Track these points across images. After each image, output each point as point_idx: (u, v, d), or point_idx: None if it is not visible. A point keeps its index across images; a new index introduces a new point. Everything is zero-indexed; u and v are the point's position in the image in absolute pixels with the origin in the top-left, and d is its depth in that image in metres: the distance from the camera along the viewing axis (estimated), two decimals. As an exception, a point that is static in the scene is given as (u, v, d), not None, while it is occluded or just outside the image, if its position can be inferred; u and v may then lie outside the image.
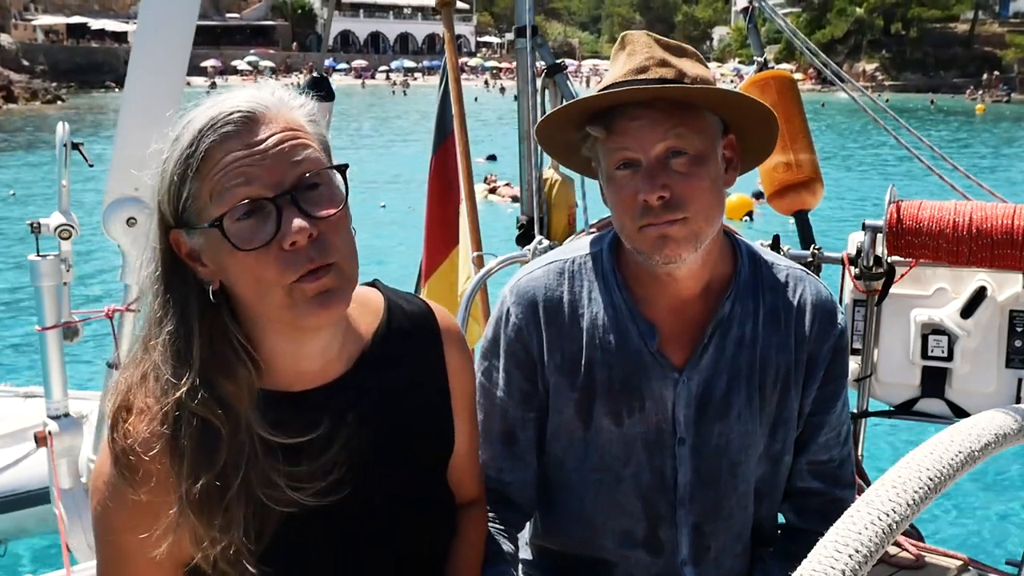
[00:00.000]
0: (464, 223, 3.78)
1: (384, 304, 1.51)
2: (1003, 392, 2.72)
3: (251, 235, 1.22)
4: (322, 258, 1.24)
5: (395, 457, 1.45)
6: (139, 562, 1.29)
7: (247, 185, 1.22)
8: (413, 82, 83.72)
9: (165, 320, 1.28)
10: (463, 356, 1.57)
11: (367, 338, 1.46)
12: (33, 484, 4.39)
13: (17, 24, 74.71)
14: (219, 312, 1.29)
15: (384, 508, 1.42)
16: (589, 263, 1.74)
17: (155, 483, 1.26)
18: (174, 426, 1.25)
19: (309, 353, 1.36)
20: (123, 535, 1.29)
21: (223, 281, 1.28)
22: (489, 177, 20.55)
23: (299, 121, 1.29)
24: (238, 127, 1.23)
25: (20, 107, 52.41)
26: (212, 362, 1.27)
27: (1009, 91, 71.01)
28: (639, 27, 17.27)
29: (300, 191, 1.24)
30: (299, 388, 1.37)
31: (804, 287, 1.73)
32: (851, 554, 0.85)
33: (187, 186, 1.23)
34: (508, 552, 1.68)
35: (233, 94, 1.28)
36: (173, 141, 1.26)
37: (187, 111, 1.28)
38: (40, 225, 3.45)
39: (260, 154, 1.23)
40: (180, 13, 3.07)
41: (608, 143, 1.59)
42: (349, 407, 1.39)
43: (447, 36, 3.76)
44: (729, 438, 1.68)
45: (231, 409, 1.27)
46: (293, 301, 1.25)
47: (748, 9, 4.14)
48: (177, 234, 1.27)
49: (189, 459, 1.24)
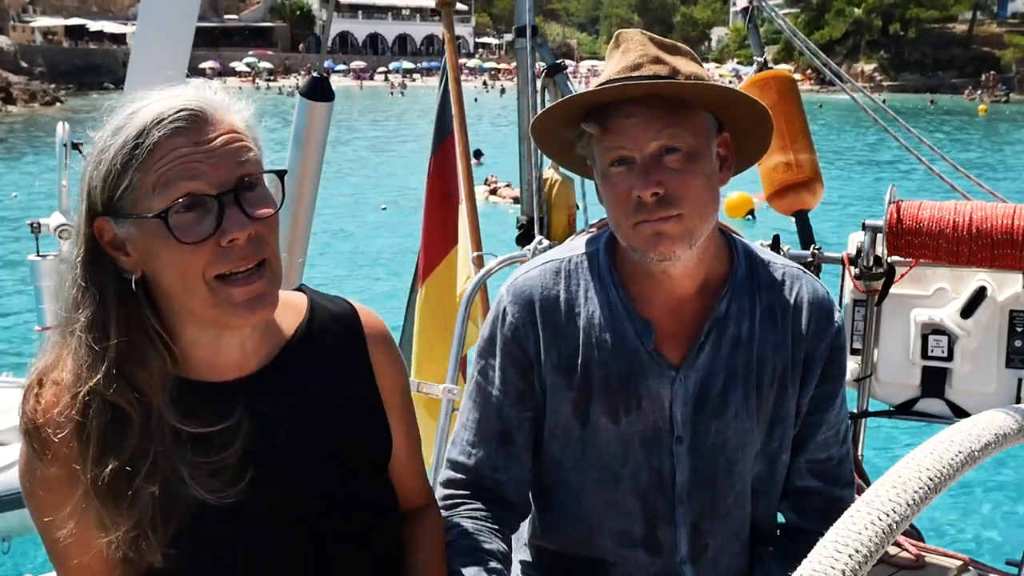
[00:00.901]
0: (464, 223, 3.78)
1: (307, 304, 1.54)
2: (1003, 392, 2.72)
3: (190, 228, 1.26)
4: (256, 254, 1.30)
5: (317, 456, 1.45)
6: (67, 541, 1.31)
7: (192, 180, 1.25)
8: (411, 83, 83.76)
9: (83, 306, 1.30)
10: (390, 355, 1.58)
11: (287, 335, 1.48)
12: None
13: (15, 26, 74.73)
14: (137, 301, 1.31)
15: (306, 508, 1.43)
16: (585, 262, 1.74)
17: (63, 461, 1.29)
18: (84, 411, 1.28)
19: (228, 346, 1.39)
20: (47, 516, 1.31)
21: (145, 271, 1.31)
22: (489, 178, 20.55)
23: (240, 125, 1.33)
24: (187, 123, 1.27)
25: (19, 109, 52.42)
26: (127, 350, 1.29)
27: (1007, 91, 71.09)
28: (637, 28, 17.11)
29: (241, 191, 1.29)
30: (215, 379, 1.39)
31: (801, 285, 1.73)
32: (851, 554, 0.86)
33: (128, 175, 1.26)
34: (498, 550, 1.67)
35: (178, 91, 1.32)
36: (113, 131, 1.28)
37: (127, 103, 1.31)
38: (40, 225, 3.44)
39: (207, 152, 1.27)
40: (180, 15, 3.08)
41: (602, 140, 1.60)
42: (265, 401, 1.41)
43: (447, 37, 3.76)
44: (726, 436, 1.68)
45: (143, 396, 1.30)
46: (218, 300, 1.29)
47: (748, 10, 4.14)
48: (103, 221, 1.30)
49: (96, 444, 1.27)
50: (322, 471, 1.45)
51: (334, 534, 1.45)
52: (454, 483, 1.75)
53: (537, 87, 3.14)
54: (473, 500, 1.73)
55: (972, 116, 54.42)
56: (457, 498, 1.73)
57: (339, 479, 1.47)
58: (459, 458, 1.76)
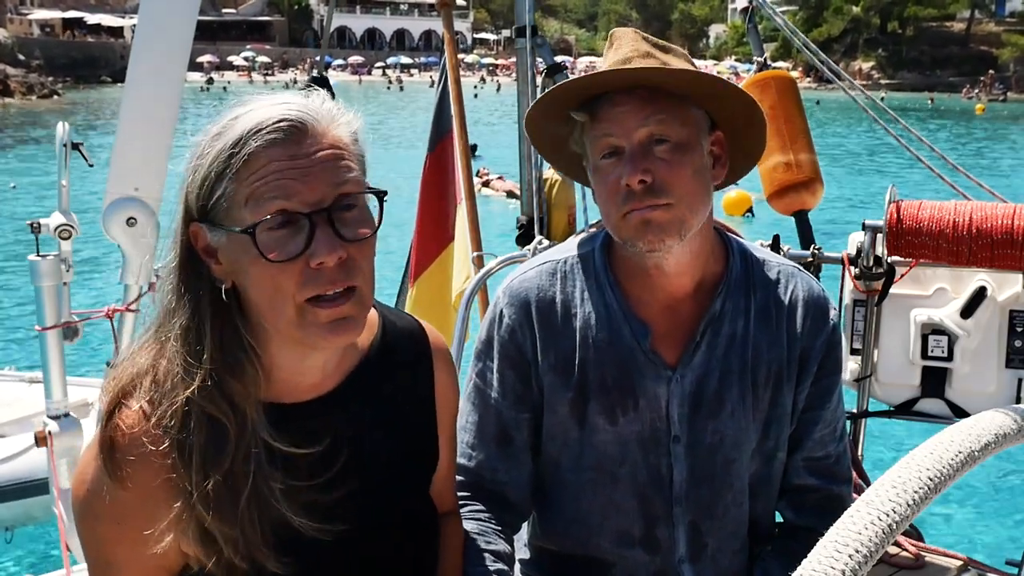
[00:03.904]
0: (464, 222, 3.77)
1: (379, 320, 1.51)
2: (1003, 392, 2.72)
3: (280, 247, 1.21)
4: (346, 279, 1.24)
5: (389, 470, 1.45)
6: (125, 567, 1.28)
7: (284, 196, 1.20)
8: (408, 78, 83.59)
9: (178, 312, 1.27)
10: (450, 374, 1.58)
11: (364, 350, 1.46)
12: (40, 473, 4.40)
13: (13, 18, 74.47)
14: (230, 311, 1.27)
15: (369, 520, 1.41)
16: (581, 263, 1.75)
17: (146, 479, 1.24)
18: (183, 421, 1.24)
19: (311, 366, 1.36)
20: (107, 536, 1.28)
21: (236, 282, 1.27)
22: (481, 171, 20.56)
23: (345, 139, 1.27)
24: (286, 135, 1.21)
25: (16, 101, 52.26)
26: (221, 360, 1.25)
27: (1005, 90, 71.15)
28: (635, 25, 17.09)
29: (336, 211, 1.22)
30: (294, 400, 1.36)
31: (796, 284, 1.73)
32: (851, 554, 0.86)
33: (223, 184, 1.21)
34: (502, 551, 1.68)
35: (282, 98, 1.26)
36: (213, 136, 1.23)
37: (232, 107, 1.26)
38: (40, 225, 3.44)
39: (303, 168, 1.21)
40: (180, 12, 3.07)
41: (592, 130, 1.61)
42: (344, 417, 1.39)
43: (447, 36, 3.76)
44: (723, 435, 1.68)
45: (238, 409, 1.26)
46: (304, 321, 1.24)
47: (748, 9, 4.14)
48: (197, 227, 1.25)
49: (198, 456, 1.23)
50: (390, 484, 1.45)
51: (391, 545, 1.45)
52: (455, 485, 1.74)
53: (537, 85, 3.15)
54: (475, 502, 1.74)
55: (969, 115, 54.43)
56: (459, 499, 1.73)
57: (402, 491, 1.47)
58: (459, 460, 1.75)
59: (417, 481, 1.52)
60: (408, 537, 1.47)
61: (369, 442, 1.42)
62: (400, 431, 1.48)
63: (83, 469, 1.29)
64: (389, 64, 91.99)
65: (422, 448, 1.53)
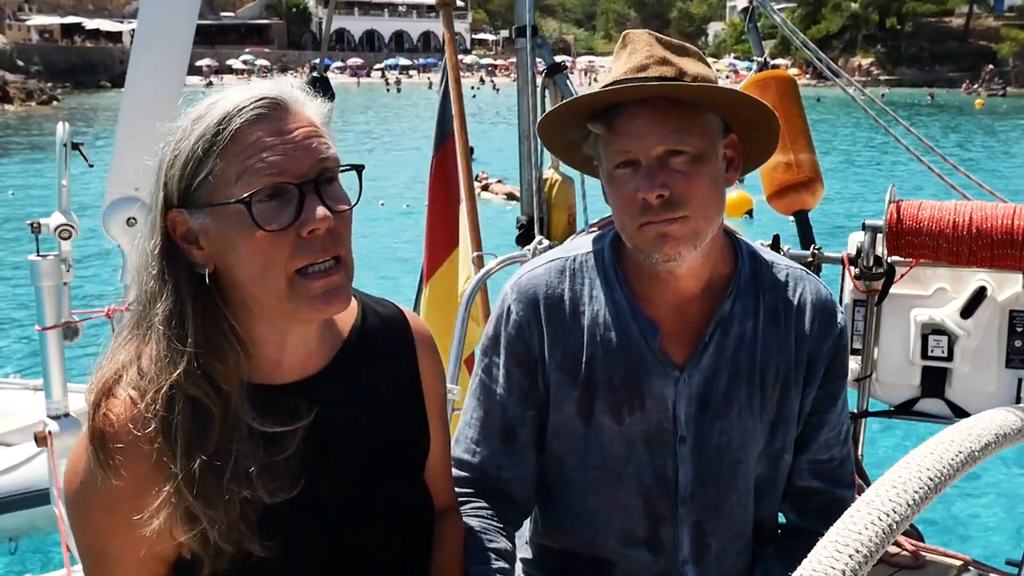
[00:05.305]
0: (464, 223, 3.78)
1: (358, 305, 1.54)
2: (1003, 392, 2.71)
3: (272, 217, 1.25)
4: (335, 248, 1.30)
5: (370, 456, 1.46)
6: (121, 558, 1.30)
7: (275, 170, 1.25)
8: (407, 80, 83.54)
9: (160, 299, 1.29)
10: (434, 360, 1.60)
11: (344, 334, 1.49)
12: (43, 483, 4.40)
13: (11, 24, 74.44)
14: (211, 295, 1.31)
15: (352, 507, 1.43)
16: (590, 261, 1.74)
17: (136, 467, 1.26)
18: (168, 405, 1.26)
19: (294, 344, 1.39)
20: (102, 526, 1.29)
21: (218, 265, 1.30)
22: (480, 175, 20.51)
23: (318, 120, 1.33)
24: (268, 111, 1.27)
25: (15, 108, 52.24)
26: (204, 344, 1.29)
27: (1004, 84, 71.10)
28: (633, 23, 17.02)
29: (321, 183, 1.29)
30: (279, 381, 1.39)
31: (804, 286, 1.73)
32: (851, 554, 0.86)
33: (209, 163, 1.25)
34: (504, 549, 1.68)
35: (256, 83, 1.32)
36: (194, 119, 1.28)
37: (208, 96, 1.31)
38: (40, 225, 3.44)
39: (290, 143, 1.27)
40: (180, 15, 3.08)
41: (608, 142, 1.60)
42: (328, 400, 1.41)
43: (447, 37, 3.76)
44: (730, 436, 1.68)
45: (221, 392, 1.29)
46: (294, 293, 1.28)
47: (748, 9, 4.14)
48: (176, 214, 1.29)
49: (183, 438, 1.26)
50: (374, 471, 1.47)
51: (378, 534, 1.46)
52: (459, 481, 1.74)
53: (537, 85, 3.15)
54: (478, 498, 1.74)
55: (969, 110, 54.38)
56: (462, 496, 1.73)
57: (387, 479, 1.48)
58: (463, 456, 1.76)
59: (402, 470, 1.53)
60: (394, 526, 1.48)
61: (350, 428, 1.44)
62: (383, 419, 1.49)
63: (74, 461, 1.32)
64: (388, 66, 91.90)
65: (407, 437, 1.54)
